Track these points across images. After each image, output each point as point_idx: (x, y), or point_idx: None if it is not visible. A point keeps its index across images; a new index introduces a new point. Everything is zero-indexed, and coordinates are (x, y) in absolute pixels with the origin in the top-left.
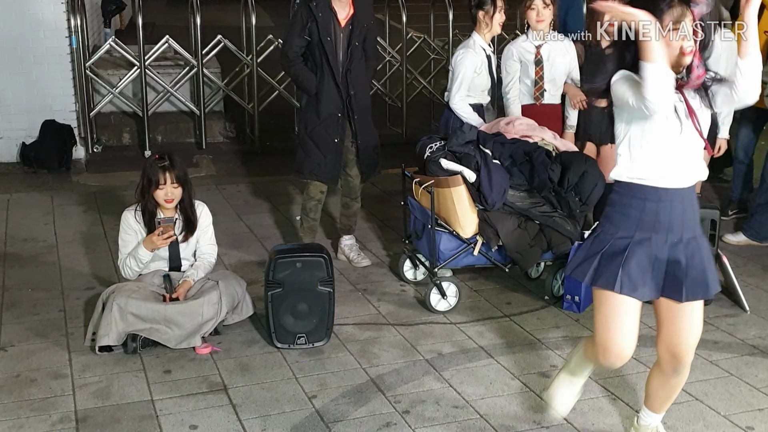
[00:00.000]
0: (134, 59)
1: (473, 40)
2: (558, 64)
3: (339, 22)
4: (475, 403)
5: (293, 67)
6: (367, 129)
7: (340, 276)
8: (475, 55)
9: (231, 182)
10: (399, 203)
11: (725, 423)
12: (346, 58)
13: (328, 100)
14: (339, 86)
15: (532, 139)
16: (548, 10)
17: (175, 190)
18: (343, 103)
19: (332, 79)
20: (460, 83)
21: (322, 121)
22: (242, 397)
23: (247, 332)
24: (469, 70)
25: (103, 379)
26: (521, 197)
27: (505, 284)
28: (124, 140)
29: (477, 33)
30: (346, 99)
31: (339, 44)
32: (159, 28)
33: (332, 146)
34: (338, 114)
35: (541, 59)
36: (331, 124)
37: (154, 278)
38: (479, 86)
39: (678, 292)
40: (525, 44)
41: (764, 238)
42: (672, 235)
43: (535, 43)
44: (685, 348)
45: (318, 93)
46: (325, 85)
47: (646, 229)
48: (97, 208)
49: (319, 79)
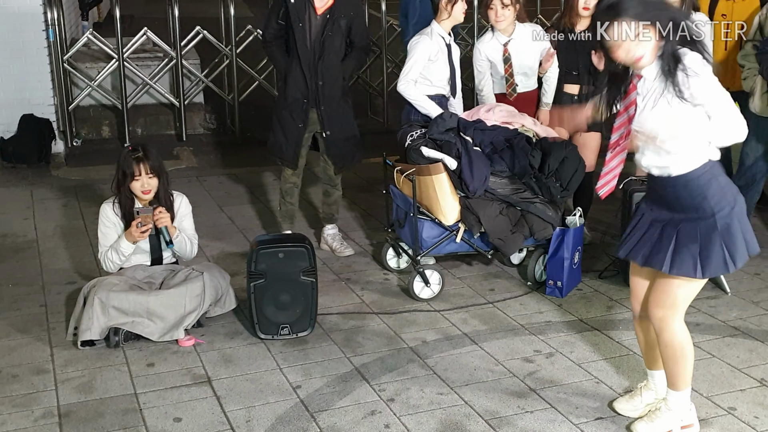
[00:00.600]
0: (112, 52)
1: (431, 28)
2: (526, 54)
3: (315, 9)
4: (459, 390)
5: (268, 48)
6: (336, 119)
7: (323, 266)
8: (431, 41)
9: (212, 174)
10: (381, 192)
11: (708, 404)
12: (318, 47)
13: (294, 85)
14: (306, 73)
15: (512, 126)
16: (508, 9)
17: (150, 181)
18: (309, 91)
19: (299, 64)
20: (410, 67)
21: (287, 105)
22: (226, 389)
23: (230, 324)
24: (421, 56)
25: (85, 373)
26: (502, 184)
27: (487, 271)
28: (103, 133)
29: (436, 21)
30: (312, 87)
31: (312, 31)
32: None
33: (295, 131)
34: (304, 100)
35: (509, 56)
36: (296, 109)
37: (136, 272)
38: (436, 75)
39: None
40: (492, 42)
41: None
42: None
43: (502, 40)
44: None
45: (286, 77)
46: (293, 70)
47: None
48: (77, 202)
49: (289, 63)
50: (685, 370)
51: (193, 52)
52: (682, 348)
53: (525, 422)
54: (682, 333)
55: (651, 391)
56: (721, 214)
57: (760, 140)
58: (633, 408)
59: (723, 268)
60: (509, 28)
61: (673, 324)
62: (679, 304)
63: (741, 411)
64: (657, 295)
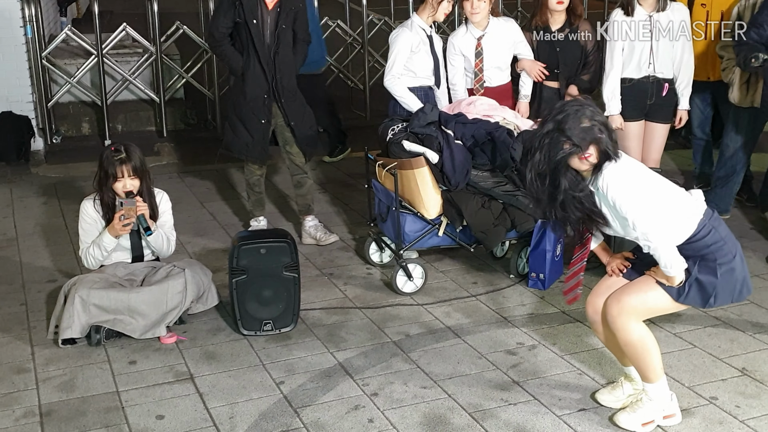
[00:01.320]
0: (92, 48)
1: (412, 20)
2: (501, 49)
3: (266, 4)
4: (443, 383)
5: (219, 47)
6: (297, 109)
7: (306, 261)
8: (411, 33)
9: (193, 170)
10: (363, 186)
11: (690, 394)
12: (273, 41)
13: (254, 82)
14: (265, 68)
15: (493, 119)
16: (483, 2)
17: (133, 182)
18: (269, 85)
19: (258, 61)
20: (393, 60)
21: (248, 102)
22: (209, 386)
23: (213, 320)
24: (403, 47)
25: (67, 372)
26: (484, 177)
27: (470, 264)
28: (83, 130)
29: (417, 14)
30: (271, 81)
31: (266, 27)
32: (116, 16)
33: (259, 127)
34: (264, 95)
35: (482, 51)
36: (258, 106)
37: (117, 269)
38: (420, 66)
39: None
40: (466, 36)
41: (724, 210)
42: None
43: (476, 34)
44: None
45: (244, 74)
46: (251, 66)
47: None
48: (57, 200)
49: (245, 60)
50: (652, 362)
51: (173, 48)
52: (642, 343)
53: (508, 415)
54: (638, 329)
55: (632, 382)
56: (723, 260)
57: (740, 131)
58: (615, 399)
59: (701, 303)
60: (483, 22)
61: (628, 324)
62: (641, 309)
63: (722, 400)
64: (626, 289)
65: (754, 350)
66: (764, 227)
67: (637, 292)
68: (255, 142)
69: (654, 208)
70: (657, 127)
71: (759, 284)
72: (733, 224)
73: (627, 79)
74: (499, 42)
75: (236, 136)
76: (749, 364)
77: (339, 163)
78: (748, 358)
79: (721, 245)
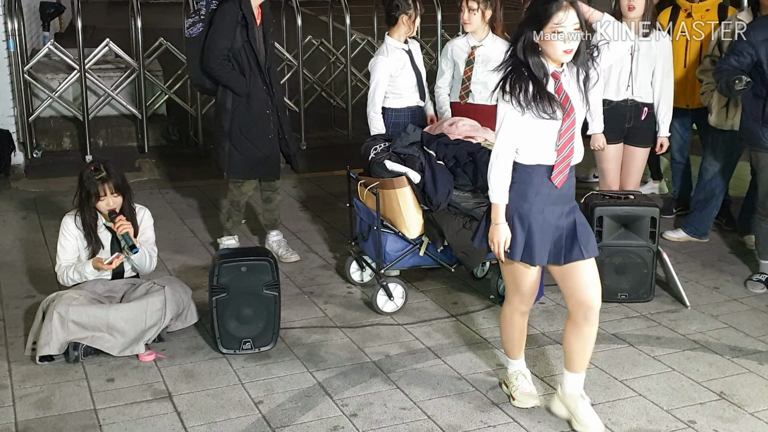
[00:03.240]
0: (74, 63)
1: (386, 44)
2: (491, 63)
3: (256, 22)
4: (422, 404)
5: (224, 70)
6: (288, 122)
7: (287, 279)
8: (388, 60)
9: (174, 186)
10: (345, 205)
11: (668, 417)
12: (265, 57)
13: (259, 100)
14: (266, 85)
15: (475, 140)
16: (474, 14)
17: (116, 199)
18: (270, 100)
19: (260, 78)
20: (373, 90)
21: (257, 120)
22: (187, 405)
23: (192, 338)
24: (382, 76)
25: (44, 389)
26: (466, 197)
27: (451, 284)
28: (64, 145)
29: (391, 36)
30: (271, 97)
31: (260, 44)
32: (99, 31)
33: (269, 142)
34: (267, 111)
35: (473, 60)
36: (265, 122)
37: (96, 286)
38: (404, 85)
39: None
40: (461, 43)
41: (703, 234)
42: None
43: (472, 43)
44: (593, 294)
45: (249, 93)
46: (257, 84)
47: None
48: (37, 215)
49: (249, 80)
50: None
51: (155, 64)
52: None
53: None
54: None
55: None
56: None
57: (719, 155)
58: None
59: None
60: (480, 33)
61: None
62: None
63: (701, 424)
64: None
65: (732, 374)
66: (742, 251)
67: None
68: (269, 157)
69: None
70: (636, 150)
71: (737, 308)
72: (712, 248)
73: (606, 101)
74: (492, 58)
75: (244, 155)
76: (727, 388)
77: (321, 181)
78: (726, 381)
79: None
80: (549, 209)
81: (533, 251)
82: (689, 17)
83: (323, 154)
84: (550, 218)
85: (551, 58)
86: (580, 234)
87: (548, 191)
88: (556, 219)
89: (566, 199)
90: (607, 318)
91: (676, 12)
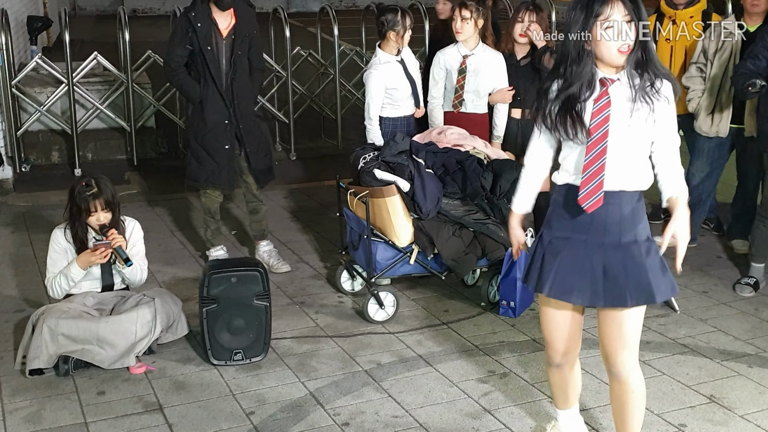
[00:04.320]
0: (62, 76)
1: (378, 57)
2: (483, 76)
3: (220, 32)
4: (414, 412)
5: (176, 77)
6: (253, 136)
7: (277, 289)
8: (380, 73)
9: (163, 198)
10: (335, 215)
11: (659, 421)
12: (229, 68)
13: (213, 109)
14: (223, 95)
15: (463, 148)
16: (466, 23)
17: (106, 215)
18: (229, 111)
19: (216, 88)
20: (369, 104)
21: (210, 130)
22: (178, 417)
23: (183, 350)
24: (376, 89)
25: (34, 403)
26: (455, 205)
27: (442, 292)
28: (53, 159)
29: (382, 49)
30: (230, 107)
31: (221, 54)
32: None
33: (224, 153)
34: (225, 121)
35: (465, 69)
36: (220, 132)
37: (86, 299)
38: (399, 96)
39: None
40: (453, 52)
41: (692, 239)
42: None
43: (463, 52)
44: (609, 350)
45: (203, 102)
46: (210, 94)
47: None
48: (26, 229)
49: (203, 88)
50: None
51: (144, 76)
52: (644, 389)
53: None
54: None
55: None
56: (652, 241)
57: (706, 160)
58: None
59: (672, 290)
60: (471, 42)
61: (637, 364)
62: (638, 338)
63: (691, 428)
64: (618, 335)
65: (721, 377)
66: (731, 255)
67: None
68: (221, 168)
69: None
70: None
71: (726, 312)
72: (701, 253)
73: None
74: (483, 66)
75: (200, 164)
76: (717, 391)
77: (311, 191)
78: (716, 385)
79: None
80: (578, 237)
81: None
82: (674, 24)
83: (313, 164)
84: (577, 249)
85: (605, 61)
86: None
87: (576, 216)
88: (592, 251)
89: (603, 229)
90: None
91: (661, 19)
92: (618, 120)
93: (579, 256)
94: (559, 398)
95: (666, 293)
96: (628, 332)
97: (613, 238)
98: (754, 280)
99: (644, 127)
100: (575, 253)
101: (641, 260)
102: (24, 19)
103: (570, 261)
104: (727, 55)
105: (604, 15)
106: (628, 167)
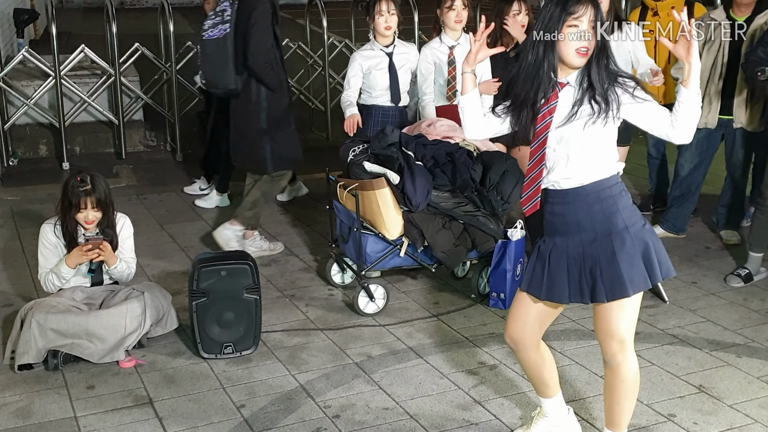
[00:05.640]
0: (49, 69)
1: (371, 44)
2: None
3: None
4: (404, 404)
5: (272, 71)
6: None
7: (267, 282)
8: (365, 56)
9: (152, 192)
10: (324, 207)
11: (648, 411)
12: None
13: (287, 92)
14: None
15: (453, 140)
16: (466, 11)
17: (96, 214)
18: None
19: (283, 69)
20: (348, 81)
21: (287, 113)
22: (168, 410)
23: (173, 344)
24: (353, 69)
25: (23, 397)
26: (445, 197)
27: (432, 284)
28: (40, 152)
29: (375, 40)
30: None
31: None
32: (75, 37)
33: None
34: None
35: (454, 59)
36: (292, 113)
37: (75, 293)
38: (375, 85)
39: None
40: (438, 46)
41: (681, 230)
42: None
43: (449, 44)
44: (599, 340)
45: (281, 85)
46: (285, 77)
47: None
48: (14, 223)
49: (278, 72)
50: (634, 404)
51: (132, 69)
52: (637, 379)
53: None
54: (636, 363)
55: (545, 418)
56: (635, 228)
57: (695, 151)
58: None
59: (645, 283)
60: (455, 34)
61: (631, 354)
62: (628, 329)
63: (680, 417)
64: (605, 327)
65: (711, 367)
66: (720, 246)
67: (618, 317)
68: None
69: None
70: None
71: (715, 302)
72: (690, 244)
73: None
74: None
75: (285, 147)
76: (706, 381)
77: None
78: (705, 375)
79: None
80: (559, 241)
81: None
82: (656, 15)
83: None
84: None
85: (565, 62)
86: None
87: (552, 220)
88: (573, 251)
89: (576, 227)
90: (587, 314)
91: (645, 12)
92: (569, 122)
93: (562, 258)
94: (537, 386)
95: (639, 285)
96: (613, 324)
97: (587, 234)
98: (746, 271)
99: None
100: (559, 257)
101: (616, 252)
102: (10, 11)
103: (556, 266)
104: (716, 47)
105: (577, 14)
106: (583, 165)
